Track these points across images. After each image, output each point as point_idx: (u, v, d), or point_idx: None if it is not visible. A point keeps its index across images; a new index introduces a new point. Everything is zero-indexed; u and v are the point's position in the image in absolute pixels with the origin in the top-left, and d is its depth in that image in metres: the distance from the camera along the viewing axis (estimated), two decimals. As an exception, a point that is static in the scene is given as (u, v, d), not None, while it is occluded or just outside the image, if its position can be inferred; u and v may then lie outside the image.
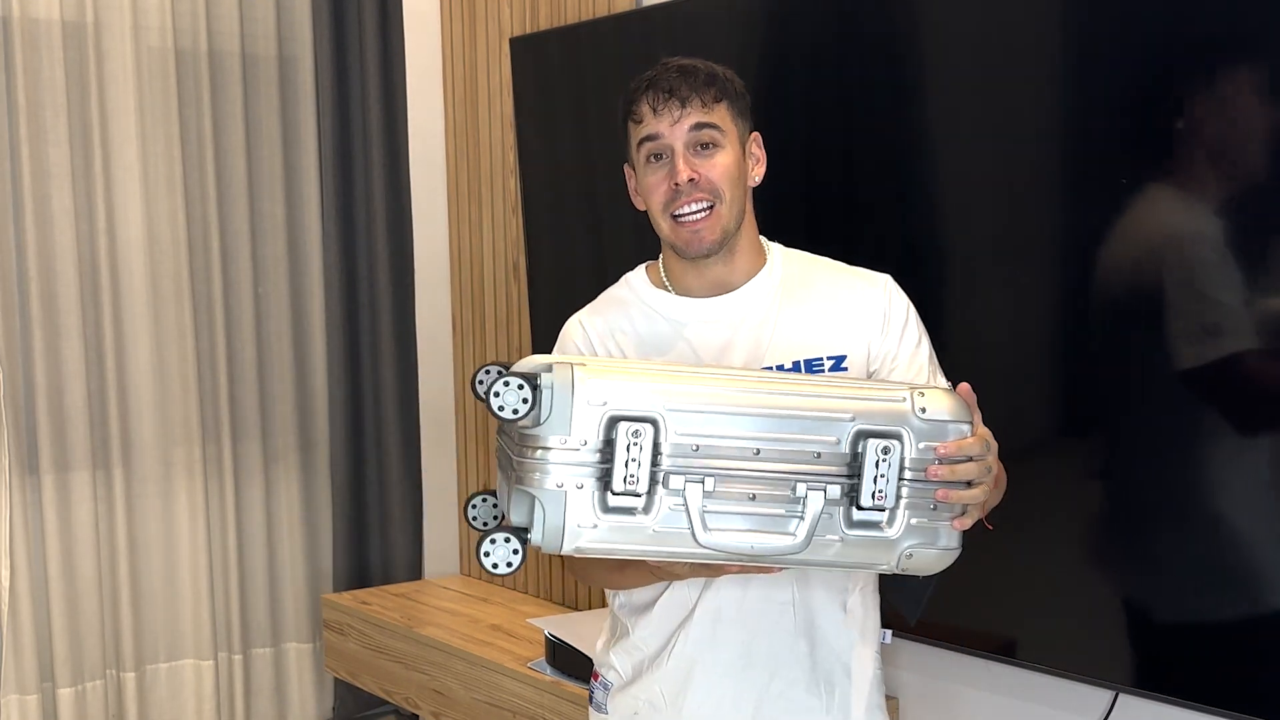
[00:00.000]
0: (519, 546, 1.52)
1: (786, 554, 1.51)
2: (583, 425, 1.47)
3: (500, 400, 1.46)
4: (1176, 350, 2.10)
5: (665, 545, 1.50)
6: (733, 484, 1.50)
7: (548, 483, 1.48)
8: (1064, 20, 2.26)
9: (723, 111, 1.72)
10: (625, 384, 1.49)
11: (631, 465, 1.48)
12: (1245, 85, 2.00)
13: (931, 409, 1.51)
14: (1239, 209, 2.02)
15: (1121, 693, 2.26)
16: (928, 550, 1.53)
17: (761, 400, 1.51)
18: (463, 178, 3.82)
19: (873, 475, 1.50)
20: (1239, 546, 2.07)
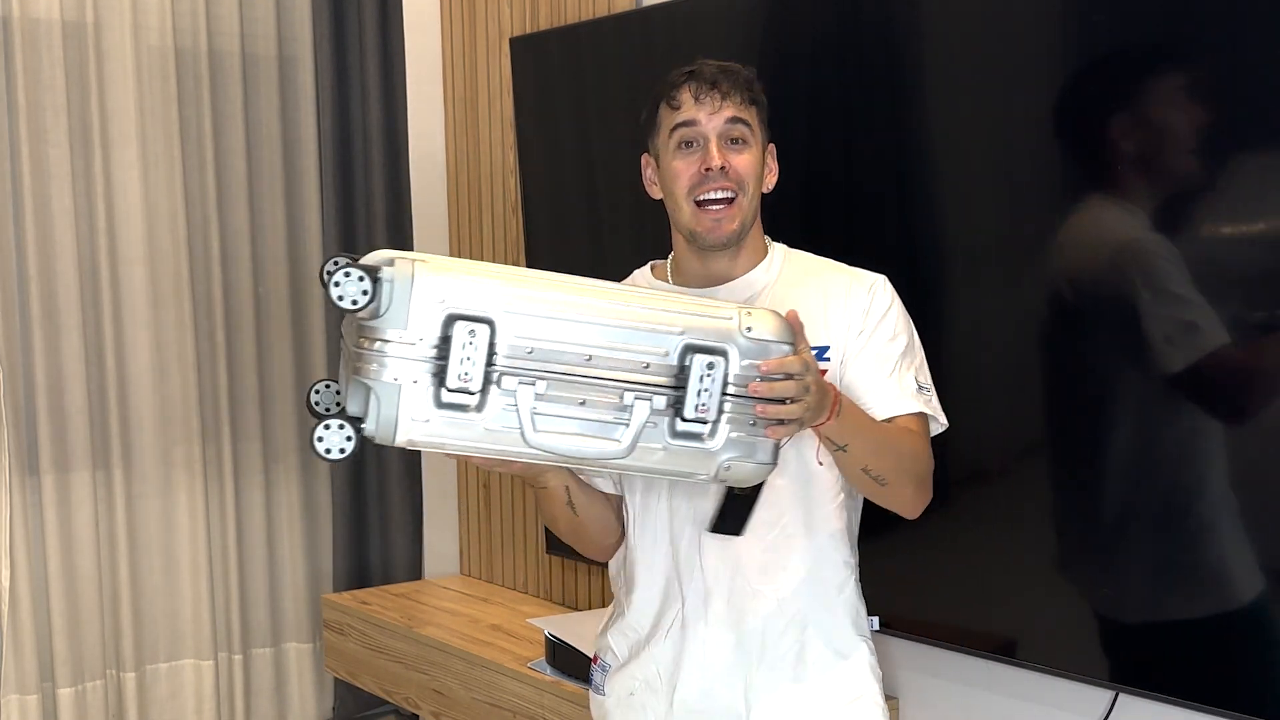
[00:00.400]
0: (352, 434, 1.53)
1: (610, 458, 1.57)
2: (420, 321, 1.50)
3: (340, 290, 1.48)
4: (1177, 350, 2.10)
5: (496, 443, 1.54)
6: (564, 388, 1.55)
7: (384, 375, 1.50)
8: (1064, 21, 2.26)
9: (753, 114, 1.81)
10: (465, 283, 1.52)
11: (466, 364, 1.51)
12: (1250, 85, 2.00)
13: (757, 328, 1.57)
14: (1247, 208, 2.02)
15: (1121, 693, 2.26)
16: (745, 463, 1.60)
17: (597, 309, 1.56)
18: (463, 178, 3.82)
19: (697, 389, 1.56)
20: (1239, 546, 2.07)
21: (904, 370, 1.81)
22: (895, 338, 1.82)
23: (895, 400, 1.79)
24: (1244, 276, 2.01)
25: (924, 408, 1.81)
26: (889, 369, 1.80)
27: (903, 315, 1.85)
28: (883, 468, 1.74)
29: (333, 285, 1.47)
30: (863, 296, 1.82)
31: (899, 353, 1.81)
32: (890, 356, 1.81)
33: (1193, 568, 2.13)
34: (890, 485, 1.76)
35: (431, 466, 4.01)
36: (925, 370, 1.85)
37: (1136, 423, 2.18)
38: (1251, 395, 2.03)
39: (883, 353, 1.81)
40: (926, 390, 1.83)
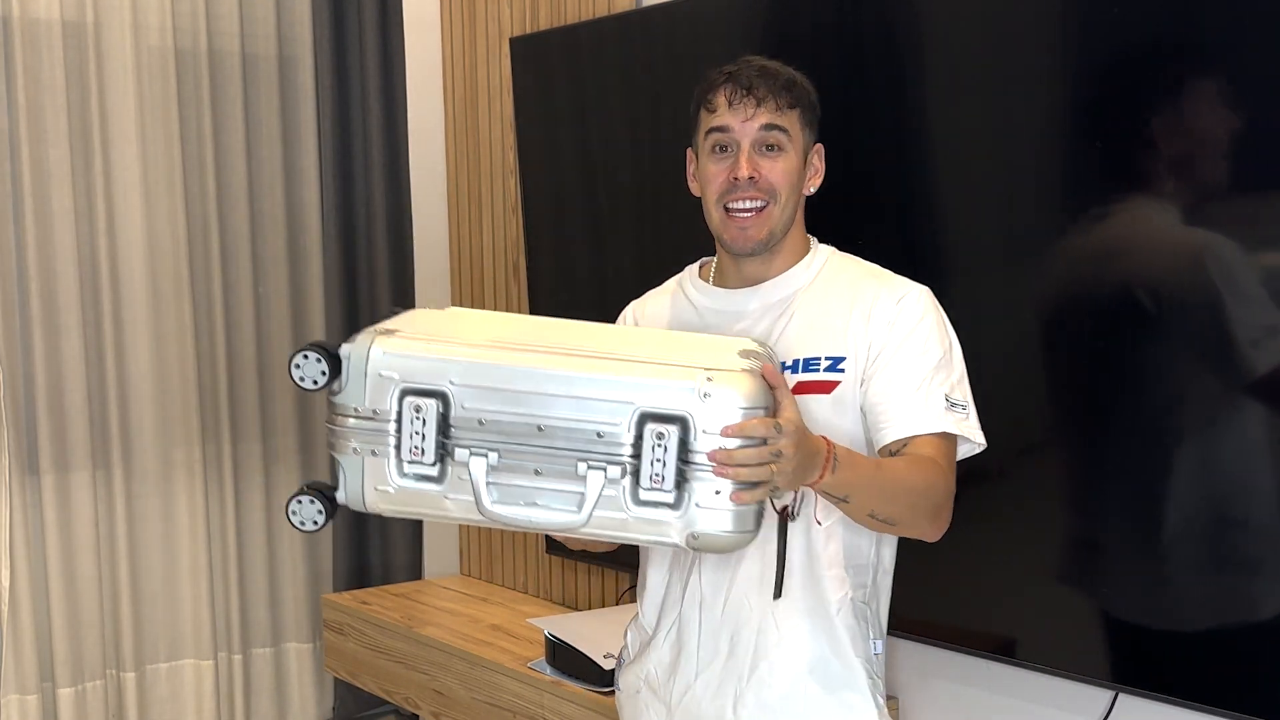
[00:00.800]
0: (324, 507, 1.61)
1: (568, 528, 1.56)
2: (375, 396, 1.55)
3: (300, 372, 1.55)
4: (1178, 350, 2.10)
5: (455, 512, 1.58)
6: (518, 458, 1.55)
7: (348, 448, 1.58)
8: (1065, 21, 2.26)
9: (793, 118, 1.76)
10: (416, 359, 1.55)
11: (415, 438, 1.55)
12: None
13: (718, 394, 1.50)
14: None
15: (1121, 693, 2.25)
16: (714, 534, 1.53)
17: (548, 379, 1.54)
18: (463, 178, 3.82)
19: (649, 459, 1.52)
20: (1239, 546, 2.07)
21: (934, 386, 1.72)
22: (926, 352, 1.74)
23: (917, 418, 1.71)
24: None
25: (952, 427, 1.72)
26: (915, 384, 1.72)
27: (939, 328, 1.76)
28: (891, 510, 1.67)
29: (293, 368, 1.55)
30: (889, 308, 1.75)
31: (929, 367, 1.73)
32: (918, 371, 1.73)
33: (1194, 568, 2.13)
34: (901, 524, 1.70)
35: (431, 466, 4.01)
36: (964, 387, 1.77)
37: (1140, 423, 2.18)
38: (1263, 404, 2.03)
39: (909, 367, 1.73)
40: (960, 408, 1.74)
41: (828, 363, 1.75)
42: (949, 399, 1.73)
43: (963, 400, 1.75)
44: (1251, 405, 2.04)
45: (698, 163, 1.82)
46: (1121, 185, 2.15)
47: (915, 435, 1.71)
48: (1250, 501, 2.05)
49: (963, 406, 1.75)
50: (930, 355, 1.74)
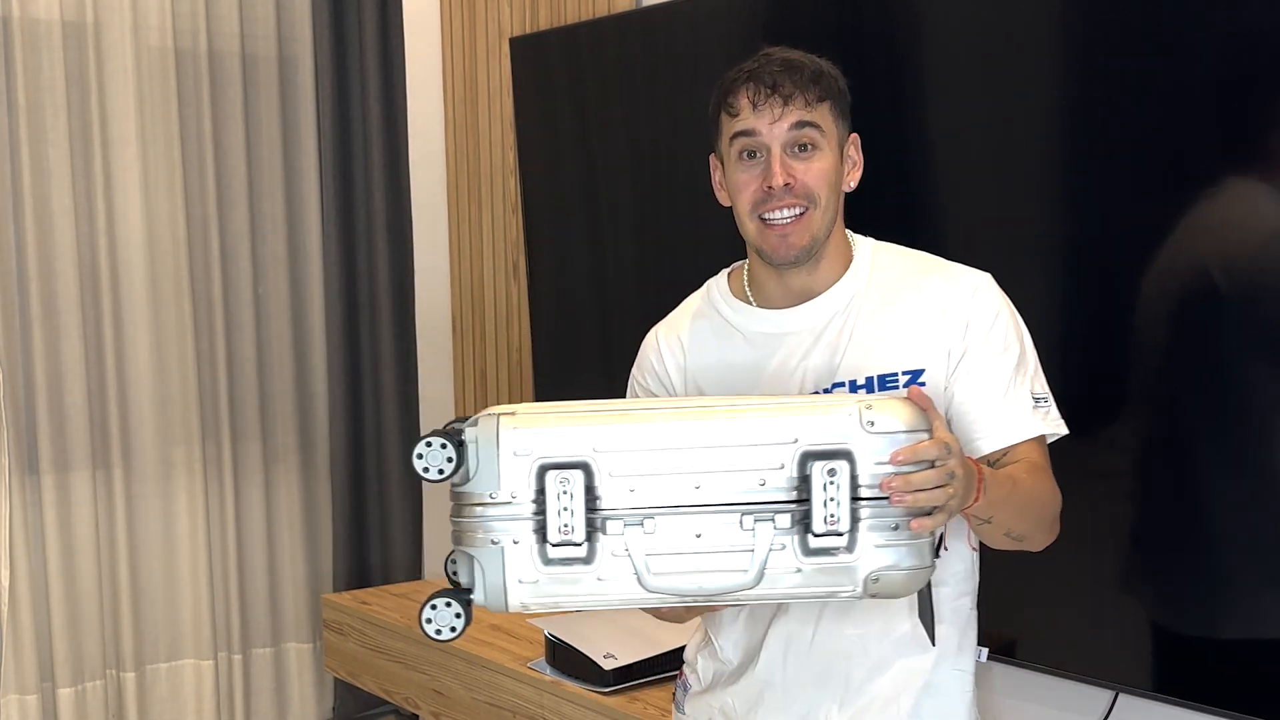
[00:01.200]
0: (461, 610, 1.47)
1: (739, 590, 1.44)
2: (511, 477, 1.43)
3: (424, 462, 1.42)
4: (1177, 351, 2.10)
5: (612, 594, 1.45)
6: (676, 523, 1.43)
7: (484, 540, 1.44)
8: (1065, 22, 2.26)
9: (825, 111, 1.62)
10: (550, 430, 1.44)
11: (565, 515, 1.43)
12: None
13: (881, 420, 1.42)
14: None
15: (1121, 693, 2.25)
16: (895, 573, 1.44)
17: (696, 431, 1.44)
18: (463, 178, 3.82)
19: (822, 499, 1.42)
20: (1239, 546, 2.07)
21: (1018, 386, 1.63)
22: (1006, 349, 1.63)
23: (1011, 426, 1.62)
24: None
25: (1042, 426, 1.64)
26: (1002, 388, 1.62)
27: (1012, 319, 1.65)
28: (1024, 527, 1.60)
29: (416, 458, 1.42)
30: (964, 306, 1.63)
31: (1011, 367, 1.63)
32: (1002, 374, 1.62)
33: (1194, 568, 2.13)
34: (1027, 540, 1.62)
35: (431, 466, 4.01)
36: (1040, 376, 1.67)
37: (1140, 422, 2.18)
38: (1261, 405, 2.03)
39: (993, 370, 1.62)
40: (1044, 402, 1.65)
41: (906, 378, 1.62)
42: (1034, 396, 1.64)
43: (1044, 392, 1.66)
44: (1250, 405, 2.04)
45: (724, 170, 1.69)
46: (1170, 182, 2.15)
47: (1011, 445, 1.63)
48: (1251, 500, 2.05)
49: (1045, 399, 1.66)
50: (1010, 353, 1.63)
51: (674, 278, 3.03)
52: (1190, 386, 2.11)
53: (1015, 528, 1.58)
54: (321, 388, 3.88)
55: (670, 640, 2.84)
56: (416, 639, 3.34)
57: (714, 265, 2.96)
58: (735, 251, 2.70)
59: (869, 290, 1.67)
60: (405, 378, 3.95)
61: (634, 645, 2.82)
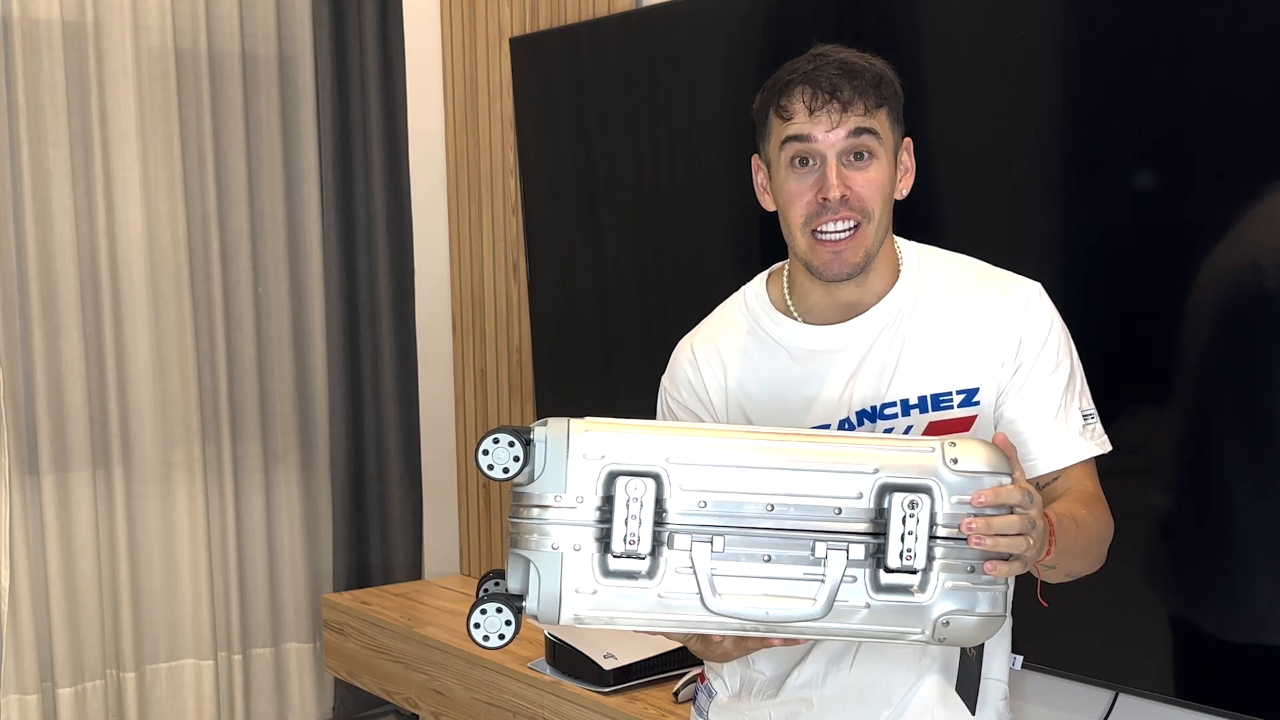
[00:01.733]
0: (511, 617, 1.39)
1: (805, 620, 1.38)
2: (579, 480, 1.37)
3: (490, 459, 1.37)
4: (1183, 350, 2.11)
5: (672, 613, 1.39)
6: (746, 543, 1.37)
7: (544, 544, 1.37)
8: (1068, 19, 2.26)
9: (883, 118, 1.54)
10: (623, 436, 1.39)
11: (632, 524, 1.37)
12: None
13: (964, 460, 1.38)
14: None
15: (1121, 693, 2.25)
16: (966, 617, 1.38)
17: (775, 451, 1.39)
18: (463, 178, 3.82)
19: (899, 533, 1.37)
20: (1241, 546, 2.07)
21: (1069, 405, 1.59)
22: (1058, 367, 1.59)
23: (1064, 448, 1.59)
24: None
25: (1093, 447, 1.60)
26: (1054, 409, 1.58)
27: (1063, 334, 1.61)
28: (1083, 566, 1.57)
29: (481, 455, 1.37)
30: (1017, 320, 1.58)
31: (1062, 386, 1.59)
32: (1054, 393, 1.58)
33: (1194, 567, 2.13)
34: (1078, 575, 1.58)
35: (431, 467, 4.01)
36: (1087, 391, 1.63)
37: (1140, 422, 2.18)
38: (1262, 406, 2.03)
39: (1045, 389, 1.58)
40: (1091, 420, 1.61)
41: (960, 397, 1.57)
42: (1083, 414, 1.60)
43: (1090, 409, 1.62)
44: (1251, 407, 2.04)
45: (768, 173, 1.60)
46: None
47: (1063, 468, 1.59)
48: (1251, 499, 2.05)
49: (1092, 416, 1.62)
50: (1061, 370, 1.59)
51: (674, 278, 3.04)
52: (1192, 387, 2.11)
53: (1076, 568, 1.56)
54: (321, 388, 3.88)
55: (670, 640, 2.84)
56: (416, 639, 3.34)
57: (713, 265, 2.97)
58: (735, 251, 2.71)
59: (918, 303, 1.61)
60: (405, 378, 3.96)
61: (634, 645, 2.83)
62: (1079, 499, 1.56)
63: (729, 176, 2.86)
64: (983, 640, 1.43)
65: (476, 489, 3.90)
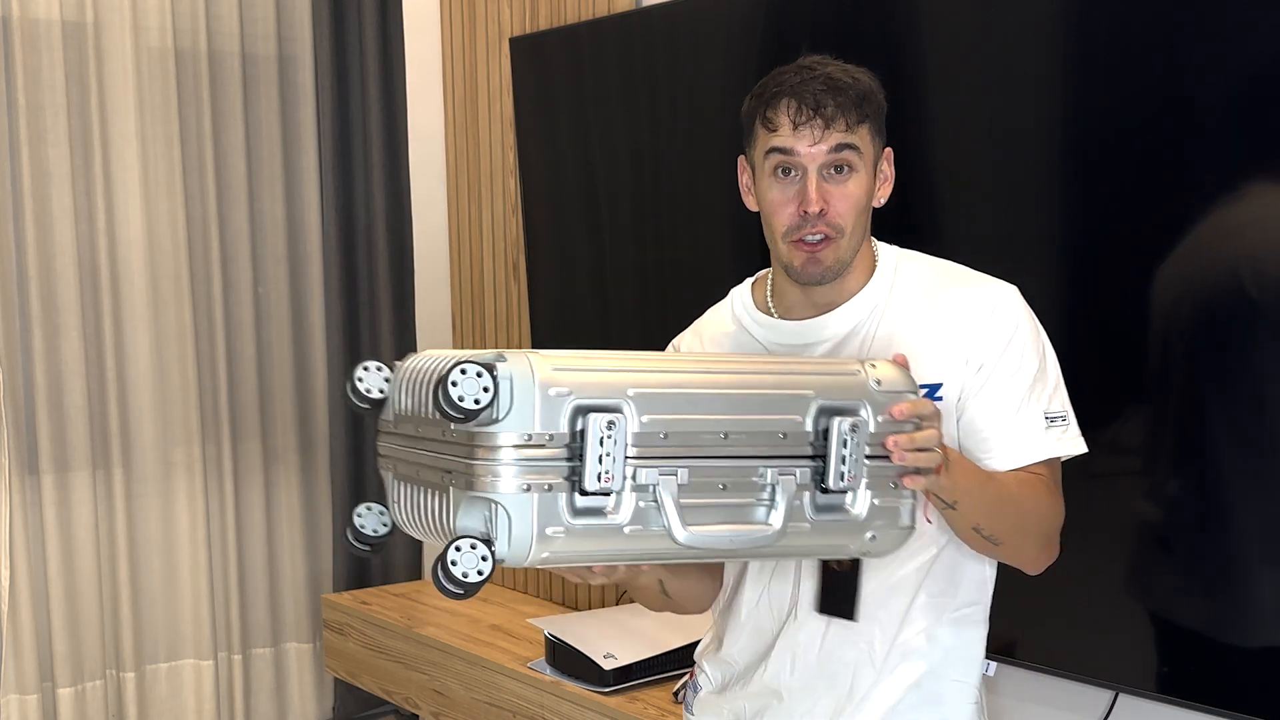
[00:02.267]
0: (488, 553, 1.31)
1: (764, 545, 1.40)
2: (548, 418, 1.31)
3: (460, 390, 1.28)
4: (1180, 350, 2.10)
5: (639, 546, 1.36)
6: (705, 473, 1.37)
7: (511, 486, 1.30)
8: (1068, 19, 2.26)
9: (864, 133, 1.59)
10: (590, 371, 1.35)
11: (606, 460, 1.32)
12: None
13: (887, 381, 1.44)
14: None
15: (1121, 693, 2.25)
16: (891, 530, 1.46)
17: (726, 379, 1.41)
18: (463, 178, 3.82)
19: (840, 455, 1.41)
20: (1240, 546, 2.07)
21: (1032, 404, 1.60)
22: (1021, 368, 1.60)
23: (1020, 448, 1.60)
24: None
25: (1056, 447, 1.61)
26: (1014, 407, 1.60)
27: (1032, 335, 1.63)
28: (997, 527, 1.56)
29: (450, 386, 1.28)
30: (983, 320, 1.61)
31: (1026, 385, 1.60)
32: (1015, 392, 1.60)
33: (1194, 567, 2.13)
34: (1006, 545, 1.59)
35: (431, 466, 4.01)
36: (1060, 394, 1.64)
37: (1139, 422, 2.18)
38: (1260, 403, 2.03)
39: (1006, 389, 1.60)
40: (1060, 421, 1.62)
41: (924, 391, 1.57)
42: (1048, 415, 1.61)
43: (1061, 410, 1.63)
44: (1250, 404, 2.04)
45: (753, 176, 1.65)
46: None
47: (1020, 466, 1.60)
48: (1251, 499, 2.05)
49: (1062, 417, 1.63)
50: (1026, 370, 1.61)
51: (674, 277, 3.04)
52: (1189, 387, 2.11)
53: (987, 525, 1.55)
54: (321, 388, 3.88)
55: (670, 640, 2.84)
56: (416, 639, 3.34)
57: (713, 264, 2.97)
58: (734, 251, 2.72)
59: (891, 301, 1.65)
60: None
61: (634, 645, 2.83)
62: (1017, 476, 1.60)
63: (729, 176, 2.86)
64: (897, 549, 1.49)
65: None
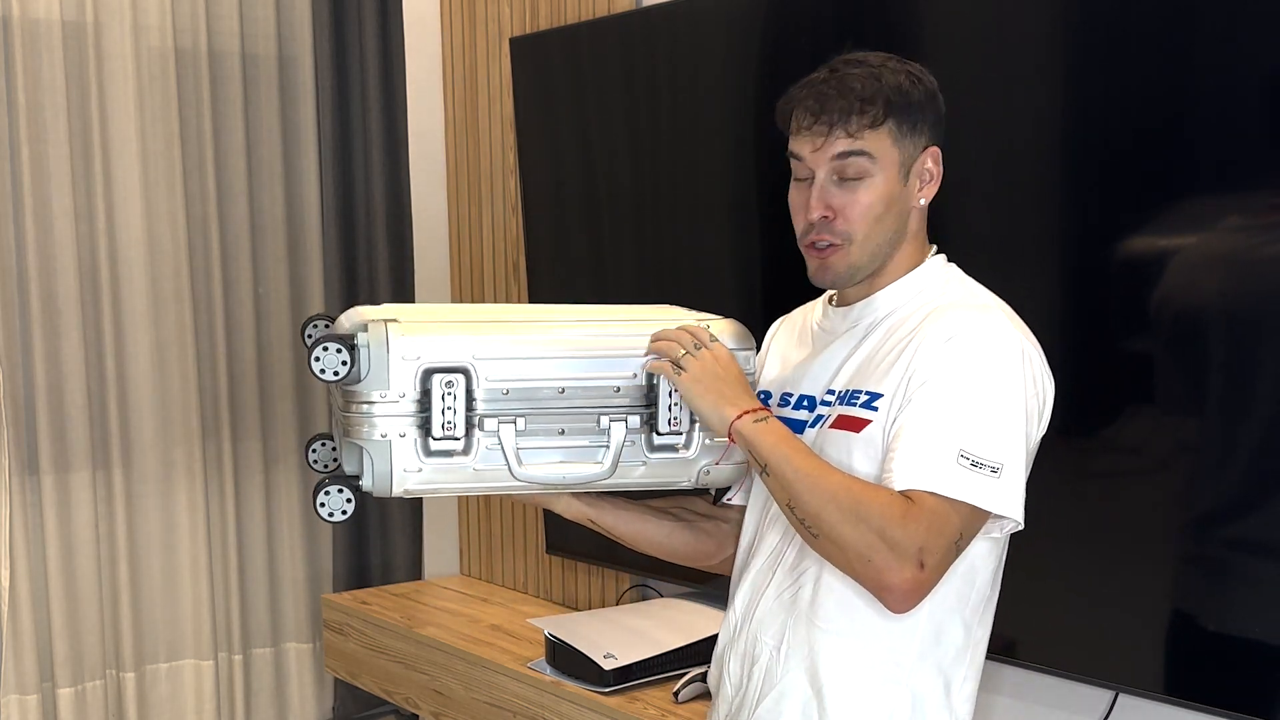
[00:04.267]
0: (351, 495, 1.65)
1: (596, 480, 1.66)
2: (399, 379, 1.60)
3: (321, 364, 1.58)
4: (1175, 350, 2.11)
5: (486, 481, 1.65)
6: (543, 421, 1.64)
7: (373, 434, 1.60)
8: (1069, 20, 2.26)
9: (881, 136, 1.55)
10: (436, 338, 1.61)
11: (447, 413, 1.61)
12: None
13: (722, 336, 1.65)
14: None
15: (1121, 693, 2.26)
16: (723, 466, 1.71)
17: (564, 343, 1.66)
18: (463, 178, 3.82)
19: (667, 404, 1.66)
20: (1240, 545, 2.07)
21: (951, 435, 1.48)
22: (950, 397, 1.50)
23: (914, 471, 1.48)
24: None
25: (961, 489, 1.47)
26: (931, 429, 1.49)
27: (979, 373, 1.51)
28: (808, 510, 1.50)
29: (313, 361, 1.58)
30: (935, 346, 1.52)
31: (948, 414, 1.49)
32: (938, 416, 1.49)
33: (1194, 567, 2.13)
34: (823, 541, 1.50)
35: (431, 466, 4.01)
36: (1002, 446, 1.49)
37: (1138, 421, 2.18)
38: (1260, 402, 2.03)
39: (927, 411, 1.50)
40: (987, 469, 1.48)
41: (865, 398, 1.57)
42: (967, 454, 1.47)
43: (993, 460, 1.48)
44: (1249, 402, 2.04)
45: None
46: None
47: (915, 489, 1.48)
48: (1250, 498, 2.05)
49: (991, 468, 1.48)
50: (955, 401, 1.50)
51: (674, 277, 3.04)
52: (1186, 385, 2.11)
53: (799, 504, 1.50)
54: (321, 388, 3.88)
55: (670, 640, 2.84)
56: (416, 639, 3.34)
57: (713, 264, 2.98)
58: (734, 251, 2.72)
59: (897, 311, 1.63)
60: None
61: (634, 645, 2.83)
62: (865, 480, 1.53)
63: (729, 176, 2.86)
64: (735, 481, 1.75)
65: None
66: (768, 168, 2.74)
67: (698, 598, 3.05)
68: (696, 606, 2.99)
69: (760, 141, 2.75)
